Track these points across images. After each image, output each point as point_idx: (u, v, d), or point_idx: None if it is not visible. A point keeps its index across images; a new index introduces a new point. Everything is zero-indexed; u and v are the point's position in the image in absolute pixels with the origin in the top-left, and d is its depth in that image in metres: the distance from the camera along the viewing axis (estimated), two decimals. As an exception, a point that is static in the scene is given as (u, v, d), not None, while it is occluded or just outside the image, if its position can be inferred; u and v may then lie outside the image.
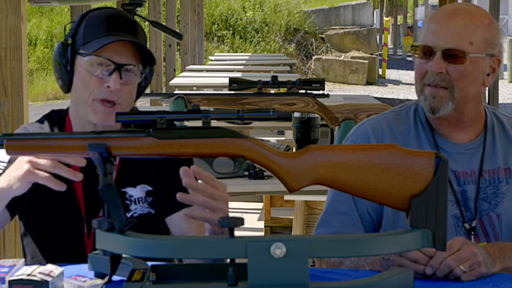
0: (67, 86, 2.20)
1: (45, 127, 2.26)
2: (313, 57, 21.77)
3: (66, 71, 2.18)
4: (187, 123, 2.51)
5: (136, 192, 2.24)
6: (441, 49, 2.15)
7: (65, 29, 2.26)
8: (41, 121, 2.28)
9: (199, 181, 1.87)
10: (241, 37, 23.16)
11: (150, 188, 2.25)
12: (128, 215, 2.22)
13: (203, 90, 8.03)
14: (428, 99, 2.18)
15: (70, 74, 2.18)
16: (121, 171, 2.22)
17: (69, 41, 2.18)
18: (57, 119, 2.28)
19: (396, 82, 20.96)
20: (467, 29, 2.14)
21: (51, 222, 2.20)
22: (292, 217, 4.51)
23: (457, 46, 2.14)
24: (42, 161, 1.85)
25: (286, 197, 4.86)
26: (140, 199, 2.24)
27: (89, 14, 2.20)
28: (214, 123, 1.76)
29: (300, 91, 3.64)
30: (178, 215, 2.22)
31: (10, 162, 2.17)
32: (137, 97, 2.27)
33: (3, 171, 2.10)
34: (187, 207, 2.20)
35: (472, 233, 2.17)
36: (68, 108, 2.29)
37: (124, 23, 2.18)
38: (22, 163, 1.88)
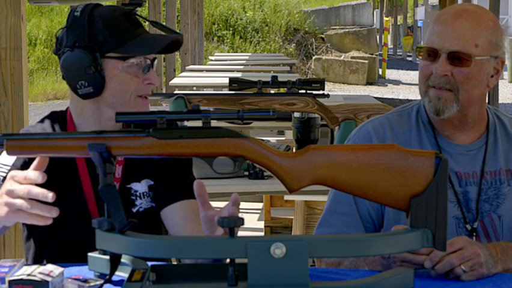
0: (99, 91, 2.17)
1: (47, 128, 2.26)
2: (313, 57, 21.78)
3: (100, 77, 2.16)
4: (187, 123, 2.51)
5: (141, 187, 2.25)
6: (447, 51, 2.14)
7: (56, 33, 2.24)
8: (42, 122, 2.28)
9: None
10: (241, 37, 23.17)
11: (152, 183, 2.26)
12: (134, 210, 2.23)
13: (203, 90, 8.04)
14: (432, 101, 2.17)
15: (104, 79, 2.16)
16: (127, 168, 2.24)
17: (93, 48, 2.15)
18: (58, 119, 2.28)
19: (396, 82, 20.96)
20: (472, 31, 2.14)
21: (59, 223, 2.20)
22: (292, 217, 4.51)
23: (462, 49, 2.13)
24: (19, 202, 1.82)
25: (286, 197, 4.86)
26: (144, 194, 2.25)
27: (100, 15, 2.17)
28: (214, 123, 1.76)
29: (300, 91, 3.64)
30: (173, 208, 2.23)
31: (14, 166, 2.17)
32: None
33: (6, 174, 2.10)
34: (183, 200, 2.21)
35: (474, 234, 2.16)
36: (67, 108, 2.29)
37: (137, 19, 2.25)
38: (2, 203, 1.85)
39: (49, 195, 1.80)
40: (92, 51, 2.15)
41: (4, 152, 1.79)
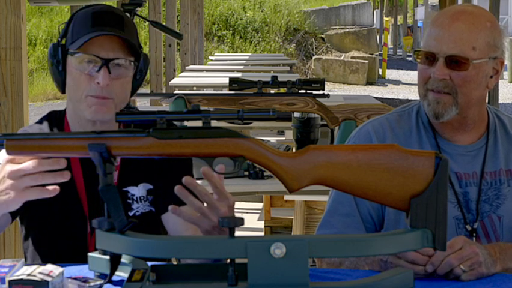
0: (61, 87, 2.21)
1: (45, 128, 2.26)
2: (313, 57, 21.78)
3: (58, 72, 2.19)
4: (187, 123, 2.51)
5: (138, 191, 2.24)
6: (444, 55, 2.13)
7: (59, 29, 2.27)
8: (40, 122, 2.28)
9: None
10: (241, 37, 23.16)
11: (151, 187, 2.25)
12: (131, 213, 2.22)
13: (203, 90, 8.04)
14: (431, 105, 2.17)
15: (63, 74, 2.19)
16: (123, 171, 2.23)
17: (60, 42, 2.19)
18: (56, 119, 2.28)
19: (396, 82, 20.96)
20: (469, 34, 2.13)
21: (54, 223, 2.20)
22: (292, 217, 4.51)
23: (459, 52, 2.12)
24: (27, 179, 1.79)
25: (286, 197, 4.86)
26: (142, 198, 2.24)
27: (77, 13, 2.21)
28: (214, 123, 1.76)
29: (300, 91, 3.64)
30: None
31: None
32: (135, 91, 2.26)
33: None
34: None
35: (474, 234, 2.16)
36: (65, 109, 2.29)
37: (110, 18, 2.18)
38: (6, 187, 1.81)
39: (61, 160, 1.76)
40: (57, 46, 2.18)
41: (2, 151, 1.79)
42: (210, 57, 15.14)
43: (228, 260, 1.65)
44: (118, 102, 2.18)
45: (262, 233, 5.08)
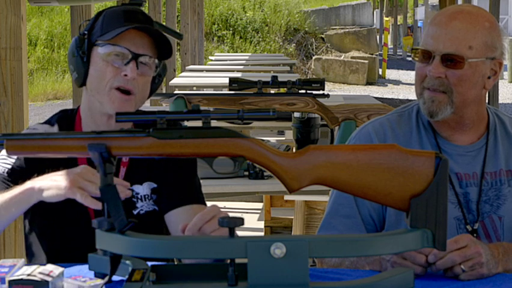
0: (82, 78, 2.21)
1: (54, 127, 2.26)
2: (313, 57, 21.78)
3: (82, 62, 2.19)
4: (187, 123, 2.51)
5: (143, 189, 2.25)
6: (440, 54, 2.13)
7: (79, 27, 2.29)
8: (49, 121, 2.29)
9: None
10: (241, 37, 23.17)
11: (155, 185, 2.26)
12: (135, 212, 2.23)
13: (203, 90, 8.04)
14: (426, 103, 2.17)
15: (86, 65, 2.20)
16: (130, 169, 2.23)
17: (85, 36, 2.20)
18: (66, 118, 2.29)
19: (396, 82, 20.96)
20: (466, 33, 2.13)
21: (59, 221, 2.21)
22: (292, 217, 4.52)
23: (455, 51, 2.12)
24: (84, 182, 1.89)
25: (286, 197, 4.86)
26: (146, 196, 2.25)
27: (106, 10, 2.23)
28: (214, 123, 1.76)
29: (300, 91, 3.64)
30: (176, 212, 2.23)
31: (18, 158, 2.18)
32: (151, 94, 2.28)
33: (12, 165, 2.14)
34: (186, 205, 2.21)
35: (474, 235, 2.16)
36: (78, 107, 2.30)
37: (140, 16, 2.22)
38: (68, 173, 1.92)
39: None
40: (82, 38, 2.20)
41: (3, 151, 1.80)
42: (210, 57, 15.16)
43: (228, 260, 1.65)
44: (138, 99, 2.21)
45: (262, 233, 5.08)
